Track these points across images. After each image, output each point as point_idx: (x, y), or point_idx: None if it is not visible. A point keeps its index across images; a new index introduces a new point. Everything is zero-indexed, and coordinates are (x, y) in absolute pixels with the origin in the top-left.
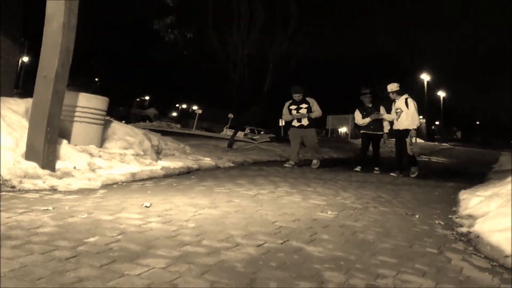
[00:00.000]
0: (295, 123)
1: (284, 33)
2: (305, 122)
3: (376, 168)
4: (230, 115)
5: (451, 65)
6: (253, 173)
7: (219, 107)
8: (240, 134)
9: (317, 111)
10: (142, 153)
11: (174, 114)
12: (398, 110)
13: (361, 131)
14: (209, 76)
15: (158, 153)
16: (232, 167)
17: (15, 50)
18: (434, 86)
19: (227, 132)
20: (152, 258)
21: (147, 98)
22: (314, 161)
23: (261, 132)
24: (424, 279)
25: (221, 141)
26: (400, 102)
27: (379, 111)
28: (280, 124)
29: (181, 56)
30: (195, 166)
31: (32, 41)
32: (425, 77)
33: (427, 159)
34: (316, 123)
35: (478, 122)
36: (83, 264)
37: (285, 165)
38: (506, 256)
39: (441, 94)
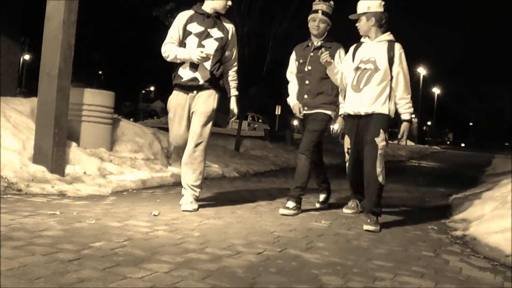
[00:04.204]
0: (185, 73)
1: (284, 14)
2: (203, 74)
3: (322, 199)
4: None
5: (446, 61)
6: (253, 184)
7: (221, 91)
8: (244, 125)
9: (234, 56)
10: (152, 157)
11: None
12: (368, 66)
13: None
14: None
15: (168, 157)
16: (237, 177)
17: (16, 49)
18: (428, 82)
19: (233, 125)
20: (156, 263)
21: (152, 89)
22: (189, 196)
23: (259, 120)
24: (423, 280)
25: (228, 140)
26: (374, 47)
27: (332, 58)
28: (276, 113)
29: None
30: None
31: (33, 39)
32: (422, 71)
33: (416, 164)
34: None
35: (471, 124)
36: (85, 266)
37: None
38: (507, 256)
39: (436, 91)
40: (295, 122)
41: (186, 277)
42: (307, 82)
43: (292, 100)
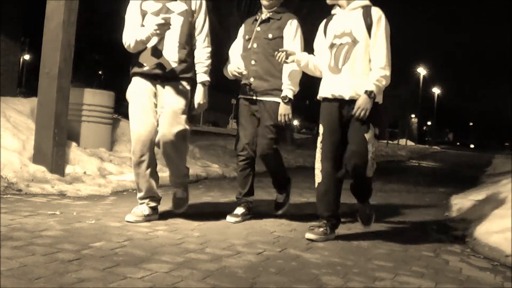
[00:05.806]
0: (147, 60)
1: None
2: (170, 59)
3: (280, 212)
4: (233, 101)
5: (446, 61)
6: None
7: (221, 91)
8: None
9: (202, 32)
10: None
11: None
12: (344, 41)
13: (239, 95)
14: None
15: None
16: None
17: (16, 49)
18: (428, 82)
19: (233, 125)
20: (156, 263)
21: None
22: (179, 193)
23: None
24: (423, 280)
25: (228, 139)
26: (348, 17)
27: (281, 32)
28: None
29: None
30: (203, 174)
31: (33, 39)
32: (422, 71)
33: (416, 164)
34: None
35: (471, 123)
36: (85, 267)
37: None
38: (507, 256)
39: (436, 91)
40: (295, 122)
41: (186, 277)
42: (253, 62)
43: (230, 66)
